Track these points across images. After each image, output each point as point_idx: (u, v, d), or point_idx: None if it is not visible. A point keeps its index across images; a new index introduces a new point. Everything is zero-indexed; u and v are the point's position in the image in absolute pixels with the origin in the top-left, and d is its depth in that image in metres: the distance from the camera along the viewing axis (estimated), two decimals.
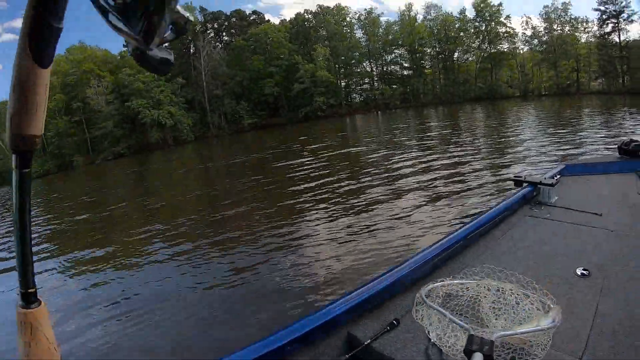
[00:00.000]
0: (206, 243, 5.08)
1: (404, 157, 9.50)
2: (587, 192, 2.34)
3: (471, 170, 7.00)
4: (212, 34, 38.43)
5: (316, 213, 5.67)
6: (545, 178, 2.23)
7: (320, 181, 7.78)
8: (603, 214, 1.89)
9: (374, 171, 8.33)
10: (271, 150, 16.02)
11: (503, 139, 10.89)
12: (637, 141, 2.71)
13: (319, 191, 6.97)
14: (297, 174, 9.08)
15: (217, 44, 38.21)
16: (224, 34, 39.50)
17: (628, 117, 15.32)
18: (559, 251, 1.54)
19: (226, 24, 39.35)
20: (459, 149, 9.85)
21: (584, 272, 1.35)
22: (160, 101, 31.23)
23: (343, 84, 37.60)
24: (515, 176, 2.41)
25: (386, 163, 9.11)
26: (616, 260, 1.42)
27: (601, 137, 9.58)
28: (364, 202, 5.82)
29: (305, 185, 7.62)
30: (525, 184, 2.26)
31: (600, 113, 17.43)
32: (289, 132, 24.90)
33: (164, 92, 31.68)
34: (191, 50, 35.53)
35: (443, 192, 5.78)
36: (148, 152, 29.54)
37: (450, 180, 6.52)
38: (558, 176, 2.40)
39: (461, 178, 6.50)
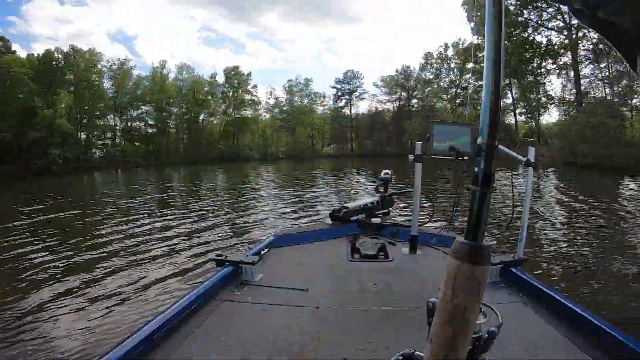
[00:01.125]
0: None
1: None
2: (295, 265, 2.24)
3: (186, 247, 6.04)
4: None
5: None
6: (247, 255, 2.01)
7: None
8: (309, 288, 1.82)
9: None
10: None
11: (234, 206, 10.38)
12: (347, 207, 2.78)
13: None
14: None
15: None
16: None
17: (355, 175, 18.80)
18: (258, 339, 1.37)
19: None
20: (178, 217, 8.67)
21: None
22: None
23: (83, 136, 33.65)
24: (217, 255, 2.09)
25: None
26: (318, 344, 1.33)
27: (329, 197, 10.34)
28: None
29: None
30: (227, 264, 1.96)
31: (332, 173, 20.37)
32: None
33: None
34: None
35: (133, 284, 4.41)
36: None
37: (155, 261, 5.27)
38: (266, 250, 2.28)
39: (169, 258, 5.42)
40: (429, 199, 3.23)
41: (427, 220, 2.97)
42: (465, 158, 2.11)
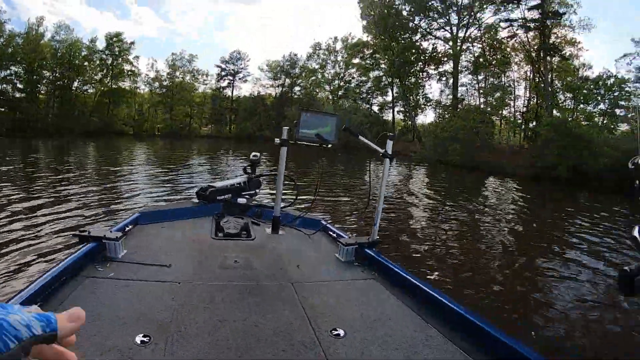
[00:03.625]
0: None
1: None
2: (160, 241, 2.17)
3: (49, 223, 5.62)
4: None
5: None
6: (111, 231, 1.92)
7: None
8: (172, 264, 1.78)
9: None
10: None
11: (103, 182, 9.82)
12: (214, 187, 2.75)
13: None
14: None
15: None
16: None
17: (231, 156, 18.71)
18: (120, 316, 1.31)
19: None
20: (42, 193, 7.87)
21: (144, 338, 1.18)
22: None
23: None
24: (79, 231, 1.92)
25: None
26: (179, 318, 1.31)
27: (201, 176, 10.37)
28: None
29: None
30: (90, 240, 1.85)
31: (208, 154, 20.33)
32: None
33: None
34: None
35: None
36: None
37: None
38: (131, 226, 2.23)
39: (29, 236, 4.98)
40: (294, 182, 3.28)
41: (291, 202, 3.02)
42: (329, 146, 2.24)
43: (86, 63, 34.66)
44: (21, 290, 1.32)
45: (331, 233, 2.49)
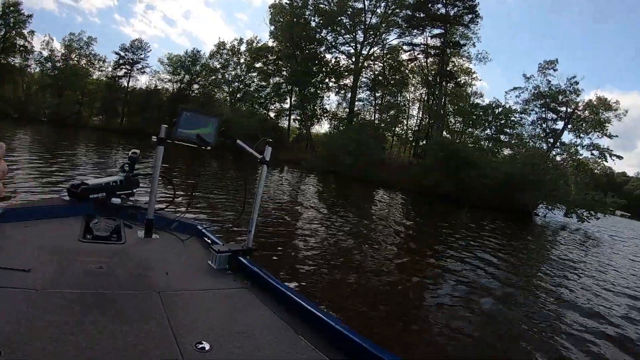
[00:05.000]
0: None
1: None
2: (21, 243, 1.92)
3: None
4: None
5: None
6: None
7: None
8: (33, 268, 1.59)
9: None
10: None
11: None
12: (87, 184, 2.55)
13: None
14: None
15: None
16: None
17: (119, 152, 17.86)
18: None
19: None
20: None
21: None
22: None
23: None
24: None
25: None
26: (31, 329, 1.20)
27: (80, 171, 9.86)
28: None
29: None
30: None
31: (94, 146, 20.01)
32: None
33: None
34: None
35: None
36: None
37: None
38: None
39: None
40: (171, 182, 3.18)
41: (167, 205, 2.93)
42: (208, 148, 2.15)
43: None
44: None
45: (206, 239, 2.39)
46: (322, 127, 38.61)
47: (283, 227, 7.59)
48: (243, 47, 36.67)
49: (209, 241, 2.35)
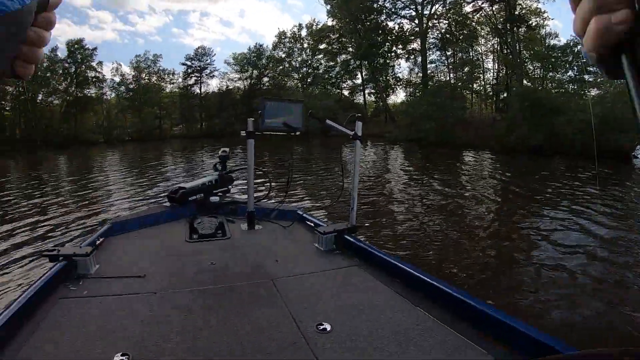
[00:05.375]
0: None
1: None
2: (133, 251, 2.09)
3: (20, 243, 5.37)
4: None
5: None
6: (81, 246, 1.87)
7: None
8: (147, 274, 1.74)
9: None
10: None
11: (75, 194, 9.61)
12: (184, 188, 2.68)
13: None
14: None
15: None
16: None
17: (205, 154, 19.12)
18: (96, 335, 1.26)
19: None
20: (11, 212, 7.61)
21: (122, 357, 1.12)
22: None
23: None
24: (48, 250, 1.86)
25: None
26: (156, 331, 1.25)
27: (174, 178, 10.15)
28: None
29: None
30: (60, 258, 1.78)
31: (181, 154, 20.57)
32: None
33: None
34: None
35: None
36: None
37: None
38: (101, 239, 2.16)
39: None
40: (265, 174, 3.23)
41: (265, 195, 2.97)
42: (297, 133, 2.19)
43: (49, 74, 34.23)
44: None
45: (308, 222, 2.45)
46: (398, 97, 38.28)
47: (375, 201, 7.50)
48: (304, 32, 36.32)
49: (312, 224, 2.39)
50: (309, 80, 36.61)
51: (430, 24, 34.45)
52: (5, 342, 1.22)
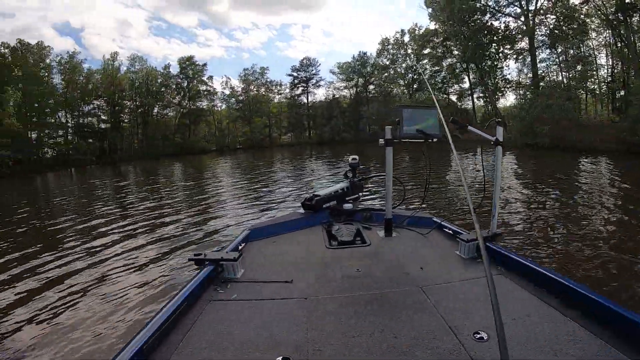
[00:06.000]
0: None
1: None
2: (275, 256, 2.17)
3: (158, 248, 5.70)
4: None
5: None
6: (227, 252, 1.94)
7: None
8: (294, 279, 1.77)
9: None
10: None
11: (198, 201, 9.89)
12: (319, 195, 2.77)
13: None
14: None
15: None
16: None
17: (314, 161, 19.86)
18: (253, 339, 1.31)
19: None
20: (142, 218, 8.12)
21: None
22: None
23: (34, 135, 33.85)
24: (195, 255, 1.95)
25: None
26: (314, 336, 1.29)
27: (294, 186, 10.28)
28: None
29: None
30: (207, 263, 1.87)
31: (291, 161, 20.82)
32: None
33: None
34: None
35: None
36: None
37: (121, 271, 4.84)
38: (243, 244, 2.22)
39: (142, 261, 5.16)
40: (400, 181, 3.28)
41: (399, 202, 3.03)
42: (434, 140, 2.19)
43: (163, 89, 35.54)
44: (149, 321, 1.32)
45: (447, 230, 2.41)
46: (507, 100, 37.88)
47: (503, 209, 7.08)
48: (407, 38, 36.65)
49: (451, 232, 2.32)
50: (415, 86, 36.63)
51: (537, 20, 34.12)
52: (161, 342, 1.28)
